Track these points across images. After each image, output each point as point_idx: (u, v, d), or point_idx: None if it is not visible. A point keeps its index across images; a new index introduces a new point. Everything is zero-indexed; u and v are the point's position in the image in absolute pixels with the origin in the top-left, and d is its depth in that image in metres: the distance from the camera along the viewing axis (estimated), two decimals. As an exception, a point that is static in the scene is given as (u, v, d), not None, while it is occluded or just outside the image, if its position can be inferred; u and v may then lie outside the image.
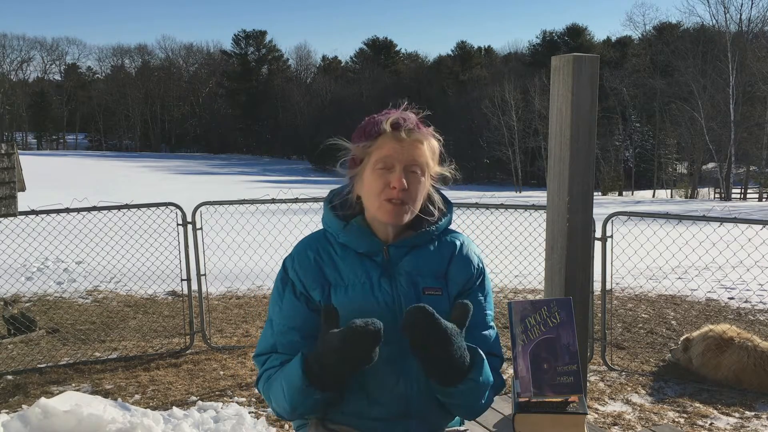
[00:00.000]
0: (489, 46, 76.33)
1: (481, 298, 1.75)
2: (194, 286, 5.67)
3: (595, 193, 2.74)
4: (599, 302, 5.38)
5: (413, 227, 1.73)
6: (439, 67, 70.56)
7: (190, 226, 5.56)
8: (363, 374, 1.64)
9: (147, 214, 6.08)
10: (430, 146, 1.68)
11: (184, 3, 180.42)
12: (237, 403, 4.41)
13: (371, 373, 1.63)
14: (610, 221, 5.09)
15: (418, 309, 1.51)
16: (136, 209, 5.76)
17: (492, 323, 1.76)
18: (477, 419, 2.68)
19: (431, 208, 1.75)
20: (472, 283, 1.74)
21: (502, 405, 2.83)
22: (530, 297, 7.58)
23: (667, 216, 5.57)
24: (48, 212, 5.44)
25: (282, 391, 1.60)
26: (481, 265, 1.78)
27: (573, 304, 1.61)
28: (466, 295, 1.72)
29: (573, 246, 2.53)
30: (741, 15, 47.53)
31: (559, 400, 1.57)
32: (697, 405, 4.46)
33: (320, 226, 1.84)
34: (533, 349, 1.59)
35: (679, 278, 8.42)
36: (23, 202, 5.32)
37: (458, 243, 1.77)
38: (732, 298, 7.66)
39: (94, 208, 5.54)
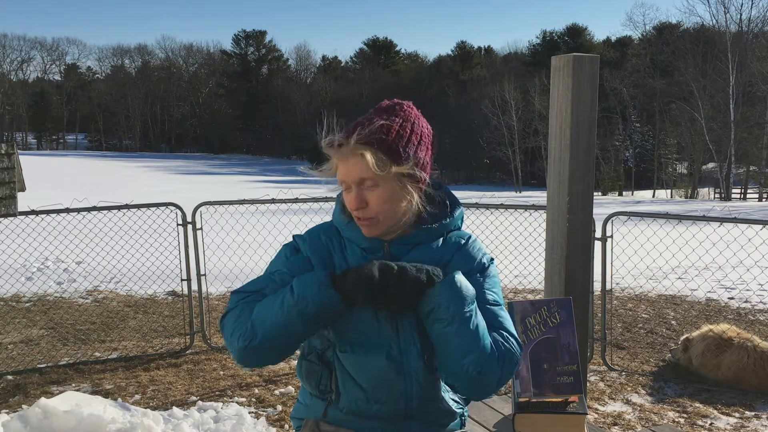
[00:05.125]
0: (489, 46, 76.26)
1: (481, 279, 1.69)
2: (194, 286, 5.67)
3: (595, 193, 2.74)
4: (599, 302, 5.38)
5: (415, 225, 1.69)
6: (439, 67, 70.54)
7: (190, 226, 5.56)
8: (361, 371, 1.63)
9: (147, 214, 6.08)
10: (371, 155, 1.57)
11: (184, 3, 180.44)
12: (237, 403, 4.41)
13: (370, 369, 1.62)
14: (610, 221, 5.09)
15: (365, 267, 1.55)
16: (136, 209, 5.76)
17: (501, 303, 1.69)
18: (477, 419, 2.68)
19: (425, 206, 1.67)
20: (474, 271, 1.69)
21: (502, 405, 2.82)
22: (530, 297, 7.58)
23: (667, 216, 5.57)
24: (48, 212, 5.44)
25: (280, 301, 1.56)
26: (485, 260, 1.73)
27: (573, 304, 1.61)
28: (468, 278, 1.65)
29: (573, 246, 2.53)
30: (741, 15, 47.45)
31: (559, 400, 1.57)
32: (697, 405, 4.46)
33: None
34: (533, 349, 1.59)
35: (679, 278, 8.41)
36: (23, 202, 5.32)
37: (463, 241, 1.74)
38: (732, 298, 7.66)
39: (94, 208, 5.54)
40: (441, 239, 1.72)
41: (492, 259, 1.77)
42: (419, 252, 1.68)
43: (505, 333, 1.63)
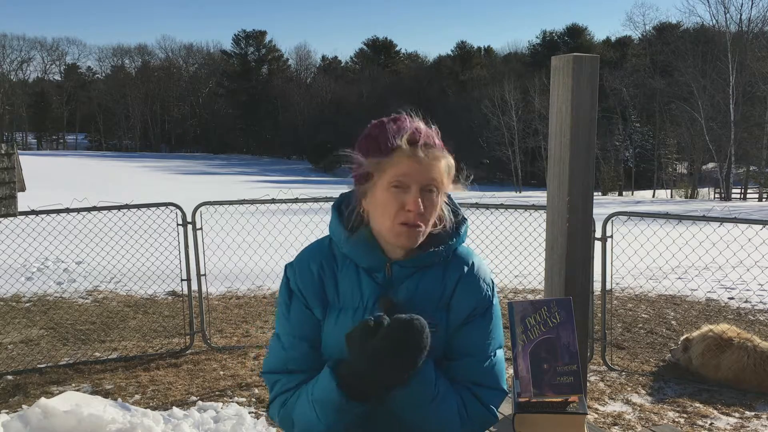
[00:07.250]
0: (489, 46, 76.37)
1: (483, 325, 1.62)
2: (194, 286, 5.68)
3: (595, 193, 2.74)
4: (599, 302, 5.38)
5: (420, 245, 1.58)
6: (439, 67, 70.57)
7: (190, 226, 5.56)
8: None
9: (147, 214, 6.08)
10: (447, 163, 1.57)
11: (184, 3, 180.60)
12: (237, 403, 4.41)
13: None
14: (610, 221, 5.09)
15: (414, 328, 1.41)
16: (136, 209, 5.76)
17: (492, 353, 1.63)
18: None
19: (437, 223, 1.61)
20: (477, 313, 1.62)
21: (502, 405, 2.82)
22: (530, 297, 7.58)
23: (667, 216, 5.57)
24: (48, 212, 5.44)
25: (314, 413, 1.49)
26: (489, 293, 1.64)
27: (573, 304, 1.61)
28: (468, 323, 1.61)
29: (573, 246, 2.53)
30: (741, 15, 47.45)
31: (559, 400, 1.57)
32: (697, 405, 4.46)
33: (319, 226, 1.80)
34: (533, 349, 1.59)
35: (679, 278, 8.41)
36: (23, 202, 5.33)
37: (466, 268, 1.63)
38: (732, 298, 7.66)
39: (94, 208, 5.54)
40: (444, 261, 1.63)
41: (494, 291, 1.67)
42: (420, 280, 1.59)
43: (486, 390, 1.62)
